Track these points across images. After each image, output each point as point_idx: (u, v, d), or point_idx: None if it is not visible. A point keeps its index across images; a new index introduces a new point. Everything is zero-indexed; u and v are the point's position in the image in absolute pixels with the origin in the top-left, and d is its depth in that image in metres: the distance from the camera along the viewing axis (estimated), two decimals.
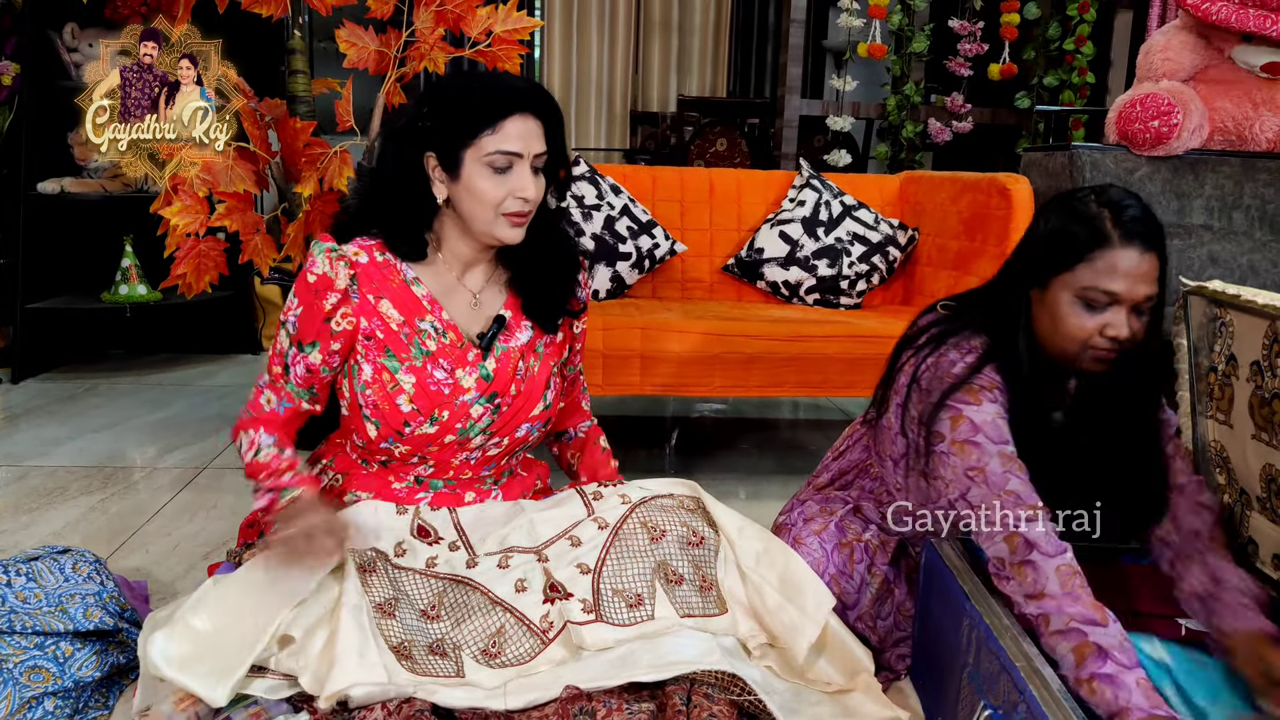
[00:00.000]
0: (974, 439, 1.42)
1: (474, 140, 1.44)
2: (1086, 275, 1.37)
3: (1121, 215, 1.37)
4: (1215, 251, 2.54)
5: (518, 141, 1.44)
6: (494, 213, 1.47)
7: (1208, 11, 2.66)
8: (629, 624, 1.39)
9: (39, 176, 3.61)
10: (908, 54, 4.79)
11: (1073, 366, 1.44)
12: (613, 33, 6.46)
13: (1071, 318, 1.40)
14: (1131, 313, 1.38)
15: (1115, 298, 1.37)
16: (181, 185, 2.45)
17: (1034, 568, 1.31)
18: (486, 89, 1.46)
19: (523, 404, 1.59)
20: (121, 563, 2.06)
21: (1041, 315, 1.44)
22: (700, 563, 1.50)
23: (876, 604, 1.63)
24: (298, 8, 2.56)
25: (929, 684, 1.55)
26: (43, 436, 2.97)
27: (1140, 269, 1.36)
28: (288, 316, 1.53)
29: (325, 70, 3.10)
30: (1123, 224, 1.37)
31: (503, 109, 1.43)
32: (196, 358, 4.15)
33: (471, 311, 1.59)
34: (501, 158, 1.44)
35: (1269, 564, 1.46)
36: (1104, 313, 1.38)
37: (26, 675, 1.39)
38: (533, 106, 1.46)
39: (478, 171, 1.45)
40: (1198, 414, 1.57)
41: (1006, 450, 1.40)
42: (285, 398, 1.56)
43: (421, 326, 1.53)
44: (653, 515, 1.54)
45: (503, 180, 1.45)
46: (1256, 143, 2.72)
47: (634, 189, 3.10)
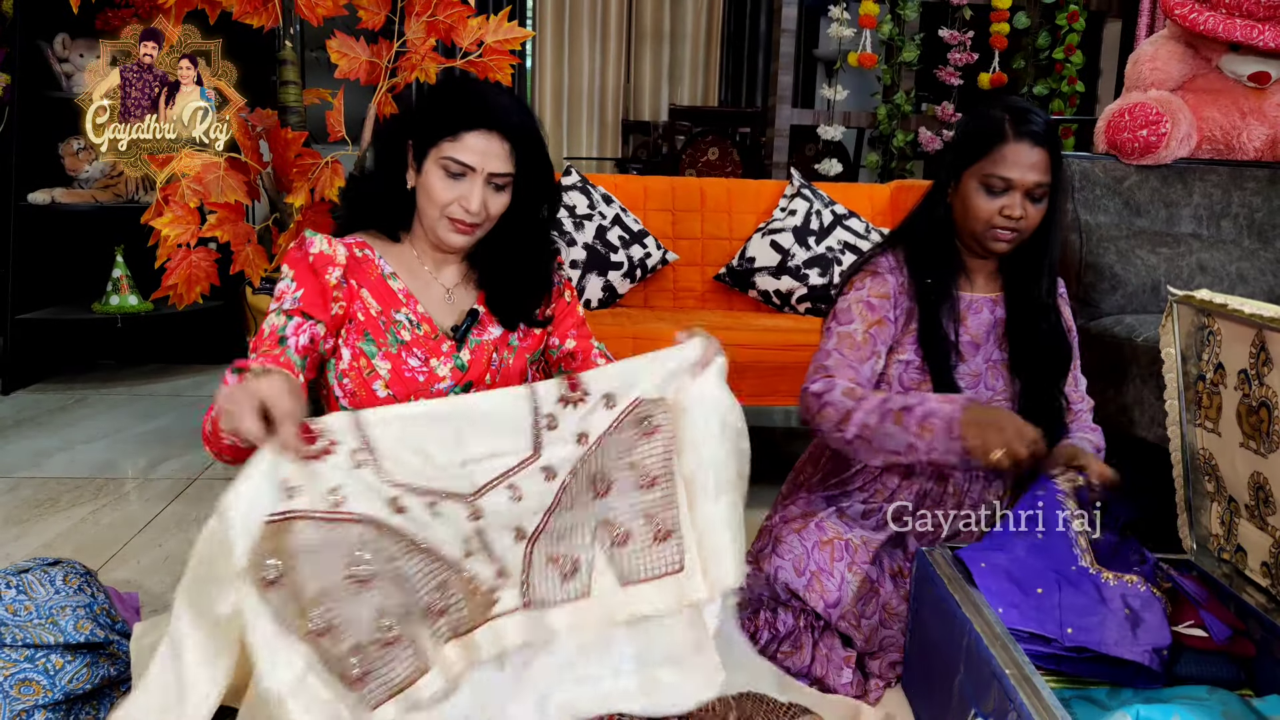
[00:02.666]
0: (839, 308, 1.78)
1: (437, 141, 1.48)
2: (988, 165, 1.66)
3: (1018, 117, 1.66)
4: (1204, 260, 2.55)
5: (473, 155, 1.47)
6: (439, 213, 1.51)
7: (1195, 21, 2.67)
8: (561, 601, 1.34)
9: (30, 187, 3.61)
10: (898, 63, 4.81)
11: (981, 246, 1.72)
12: (604, 42, 6.47)
13: (977, 201, 1.68)
14: (1026, 198, 1.65)
15: (1010, 183, 1.65)
16: (172, 196, 2.44)
17: (830, 405, 1.65)
18: (465, 98, 1.50)
19: None
20: (113, 574, 2.05)
21: (956, 205, 1.73)
22: (653, 509, 1.38)
23: (860, 603, 1.64)
24: (289, 18, 2.56)
25: (921, 692, 1.56)
26: (33, 448, 2.96)
27: (1030, 160, 1.64)
28: (285, 297, 1.49)
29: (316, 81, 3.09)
30: (1017, 124, 1.65)
31: (468, 121, 1.47)
32: (188, 368, 4.14)
33: (445, 305, 1.62)
34: (455, 165, 1.48)
35: (1258, 571, 1.46)
36: (1002, 197, 1.66)
37: (17, 688, 1.39)
38: (501, 126, 1.48)
39: (433, 170, 1.49)
40: (1186, 422, 1.58)
41: (838, 329, 1.75)
42: (285, 365, 1.45)
43: (397, 318, 1.56)
44: (606, 460, 1.39)
45: (453, 185, 1.49)
46: (1244, 151, 2.73)
47: (625, 198, 3.11)
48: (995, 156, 1.66)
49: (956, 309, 1.77)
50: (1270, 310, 1.30)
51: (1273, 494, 1.37)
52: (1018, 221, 1.66)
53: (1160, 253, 2.55)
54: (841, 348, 1.73)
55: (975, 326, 1.79)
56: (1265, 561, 1.44)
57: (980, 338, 1.79)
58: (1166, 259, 2.54)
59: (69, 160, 3.78)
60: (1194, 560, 1.60)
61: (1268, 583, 1.45)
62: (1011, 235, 1.68)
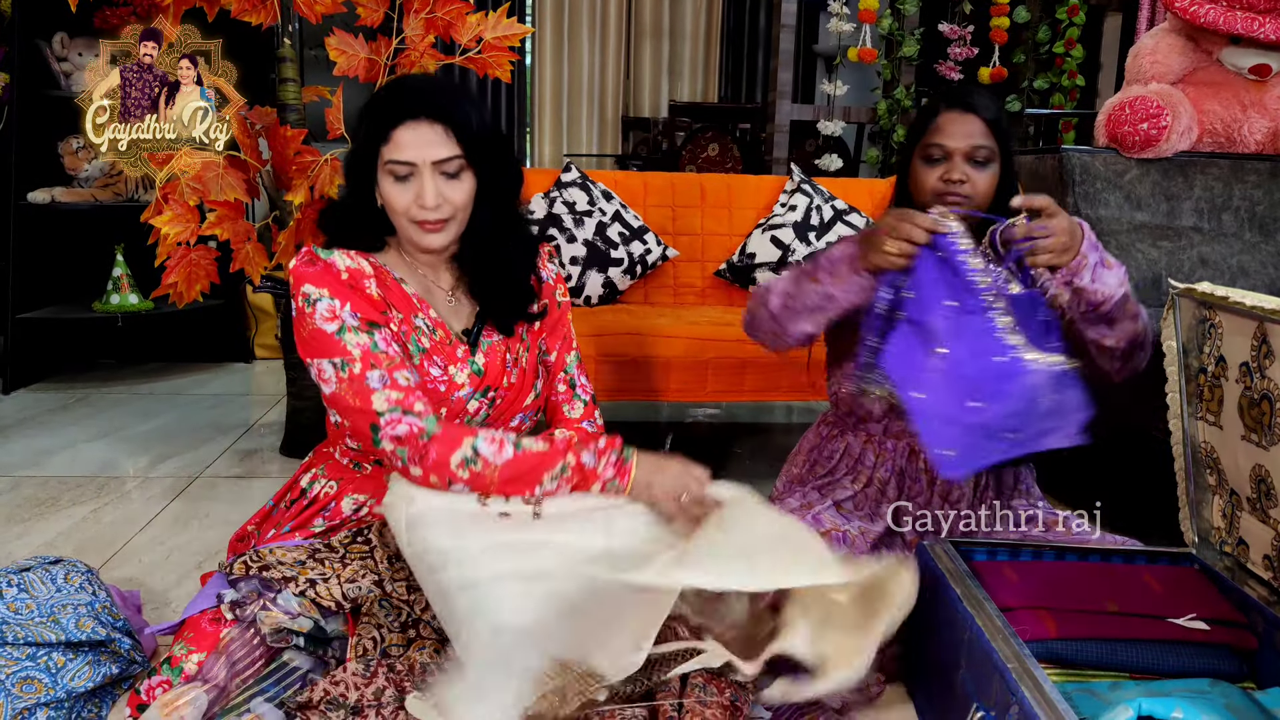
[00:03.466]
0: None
1: (377, 151, 1.46)
2: (926, 139, 1.73)
3: (948, 92, 1.77)
4: (1205, 253, 2.55)
5: (408, 150, 1.45)
6: (405, 219, 1.49)
7: (1196, 14, 2.67)
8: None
9: (29, 186, 3.61)
10: (898, 58, 4.80)
11: None
12: (604, 39, 6.47)
13: (921, 173, 1.74)
14: (968, 164, 1.70)
15: (946, 150, 1.71)
16: (172, 194, 2.44)
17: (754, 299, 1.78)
18: (384, 99, 1.48)
19: (516, 395, 1.61)
20: (114, 573, 2.05)
21: (911, 187, 1.78)
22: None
23: None
24: (287, 16, 2.56)
25: (922, 687, 1.56)
26: (34, 447, 2.96)
27: (963, 126, 1.70)
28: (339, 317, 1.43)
29: (315, 78, 3.09)
30: (948, 97, 1.75)
31: (391, 119, 1.45)
32: (188, 367, 4.14)
33: (450, 307, 1.61)
34: (399, 167, 1.46)
35: (1259, 564, 1.46)
36: (941, 164, 1.71)
37: (19, 686, 1.39)
38: (425, 112, 1.45)
39: (384, 180, 1.48)
40: (1187, 415, 1.58)
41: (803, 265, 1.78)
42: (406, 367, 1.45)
43: (417, 323, 1.54)
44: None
45: (405, 188, 1.47)
46: (1245, 145, 2.73)
47: (625, 194, 3.10)
48: (931, 129, 1.73)
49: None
50: (1271, 302, 1.29)
51: (1274, 487, 1.37)
52: (960, 185, 1.70)
53: (1161, 246, 2.55)
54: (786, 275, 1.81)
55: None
56: (1267, 554, 1.44)
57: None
58: (1168, 252, 2.54)
59: (68, 159, 3.78)
60: (1196, 553, 1.60)
61: (1269, 575, 1.44)
62: (960, 199, 1.71)
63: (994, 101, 1.76)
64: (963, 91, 1.76)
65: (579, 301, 2.91)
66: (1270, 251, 2.58)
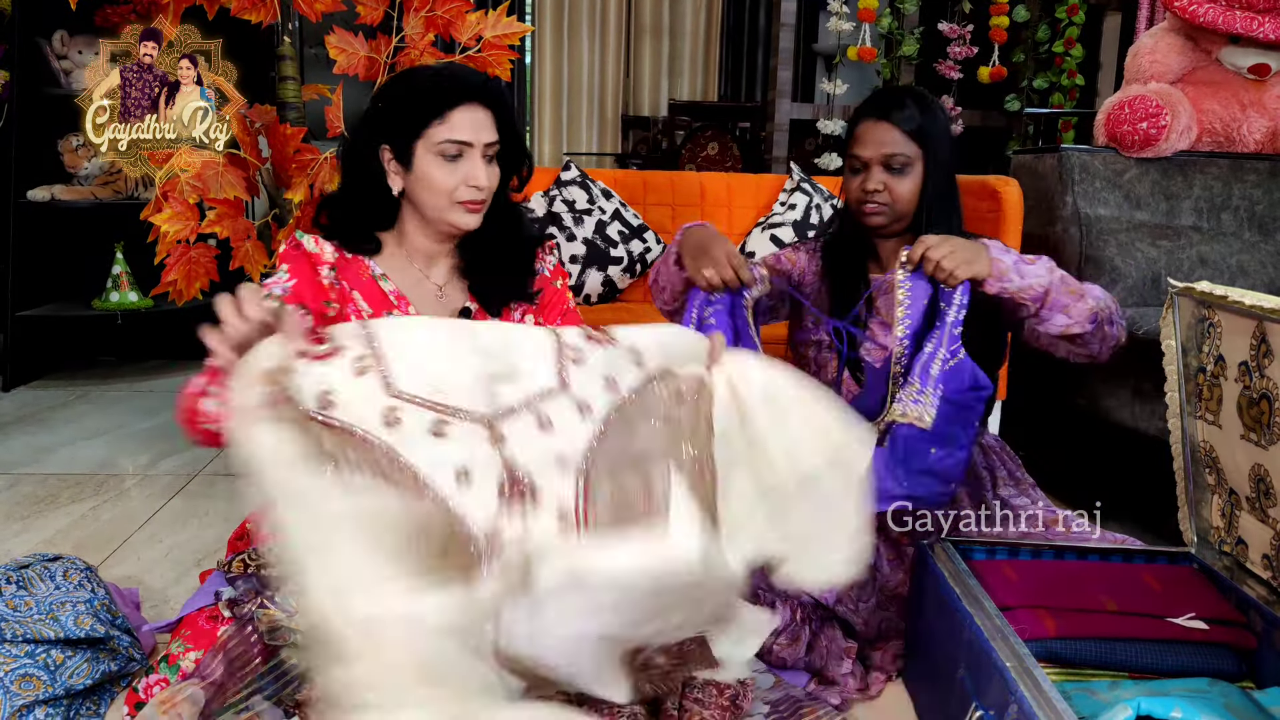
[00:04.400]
0: None
1: (424, 131, 1.47)
2: (848, 148, 1.78)
3: (866, 101, 1.80)
4: (1204, 252, 2.55)
5: (467, 130, 1.47)
6: (448, 200, 1.50)
7: (1195, 14, 2.67)
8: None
9: (29, 184, 3.60)
10: (897, 57, 4.80)
11: (864, 226, 1.81)
12: (603, 37, 6.46)
13: (847, 183, 1.81)
14: (885, 171, 1.73)
15: (863, 160, 1.75)
16: (172, 192, 2.44)
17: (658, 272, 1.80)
18: (434, 81, 1.49)
19: None
20: (113, 570, 2.05)
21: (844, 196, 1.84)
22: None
23: (857, 588, 1.64)
24: (287, 14, 2.56)
25: (922, 686, 1.56)
26: (34, 444, 2.96)
27: (877, 135, 1.73)
28: (273, 286, 1.48)
29: (315, 76, 3.09)
30: (864, 106, 1.79)
31: (450, 99, 1.46)
32: (188, 364, 4.11)
33: (437, 304, 1.61)
34: (452, 146, 1.47)
35: (1259, 564, 1.46)
36: (861, 174, 1.76)
37: (17, 683, 1.39)
38: (480, 96, 1.48)
39: (430, 161, 1.48)
40: (1186, 415, 1.58)
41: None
42: None
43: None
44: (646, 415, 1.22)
45: (455, 168, 1.48)
46: (1245, 144, 2.73)
47: (625, 193, 3.10)
48: (852, 139, 1.78)
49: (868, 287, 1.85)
50: (1271, 302, 1.29)
51: (1273, 486, 1.37)
52: (876, 194, 1.74)
53: (1160, 245, 2.55)
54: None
55: (887, 307, 1.81)
56: (1266, 554, 1.44)
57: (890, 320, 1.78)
58: (1167, 252, 2.54)
59: (68, 157, 3.78)
60: (1195, 553, 1.60)
61: (1268, 575, 1.44)
62: (878, 208, 1.76)
63: (919, 108, 1.75)
64: (881, 100, 1.78)
65: (579, 300, 2.91)
66: (1269, 250, 2.58)
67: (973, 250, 1.57)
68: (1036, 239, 2.67)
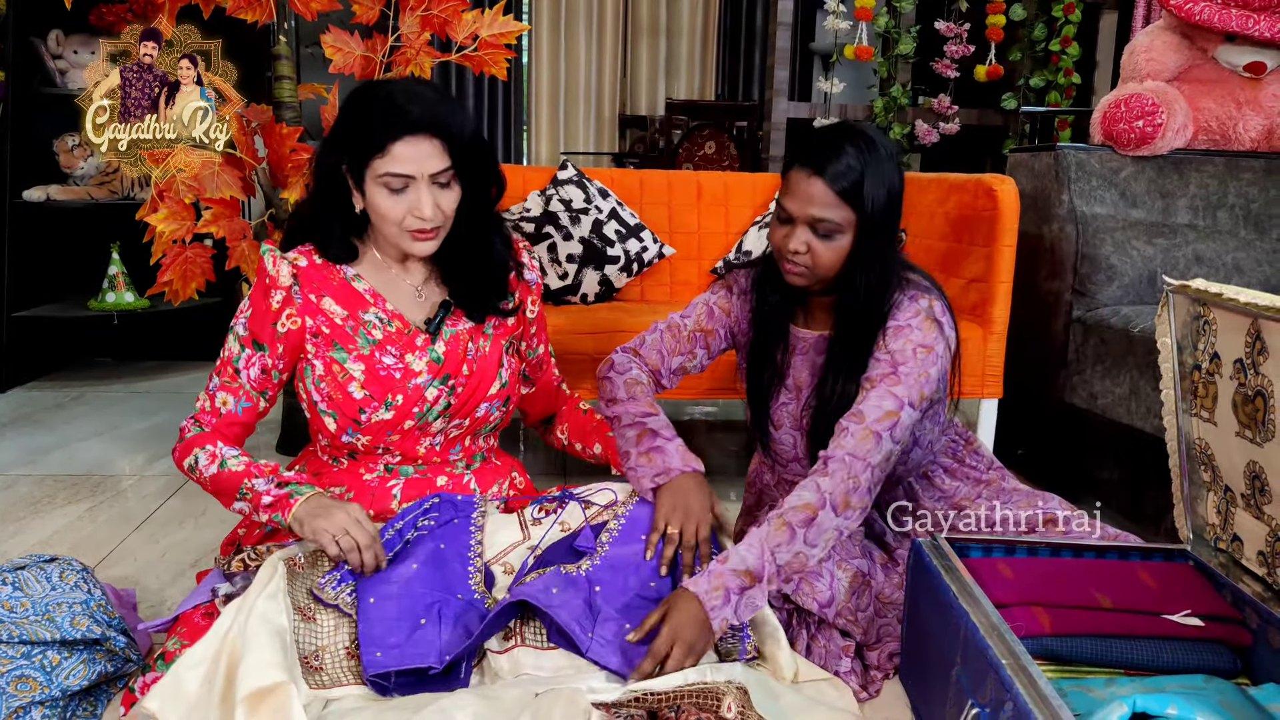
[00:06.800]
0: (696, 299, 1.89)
1: (368, 162, 1.46)
2: (781, 189, 1.60)
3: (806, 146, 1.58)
4: (1200, 250, 2.55)
5: (409, 163, 1.45)
6: (398, 229, 1.50)
7: (1191, 12, 2.67)
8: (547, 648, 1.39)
9: (24, 184, 3.60)
10: (894, 56, 4.81)
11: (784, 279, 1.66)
12: (600, 36, 6.46)
13: (772, 229, 1.63)
14: (811, 233, 1.57)
15: (789, 215, 1.58)
16: (168, 192, 2.44)
17: (610, 382, 1.75)
18: (379, 110, 1.45)
19: (478, 383, 1.63)
20: (109, 571, 2.05)
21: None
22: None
23: (854, 597, 1.63)
24: (283, 13, 2.56)
25: (918, 684, 1.56)
26: (30, 445, 2.96)
27: (807, 191, 1.54)
28: (238, 321, 1.57)
29: (311, 76, 3.09)
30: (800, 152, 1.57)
31: (390, 133, 1.44)
32: (184, 365, 4.13)
33: (415, 301, 1.63)
34: (395, 180, 1.46)
35: (1254, 560, 1.46)
36: (786, 226, 1.59)
37: (13, 685, 1.39)
38: (423, 126, 1.45)
39: (376, 190, 1.48)
40: (1182, 412, 1.58)
41: (676, 318, 1.85)
42: (244, 397, 1.57)
43: (366, 318, 1.57)
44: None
45: (400, 199, 1.48)
46: (1240, 142, 2.73)
47: (622, 192, 3.10)
48: (783, 184, 1.60)
49: (787, 343, 1.78)
50: (1266, 299, 1.29)
51: (1268, 483, 1.38)
52: (797, 256, 1.58)
53: (1156, 243, 2.55)
54: (665, 335, 1.84)
55: (799, 368, 1.77)
56: (1261, 550, 1.45)
57: (803, 382, 1.77)
58: (1163, 250, 2.54)
59: (64, 157, 3.77)
60: (1190, 549, 1.60)
61: (1264, 571, 1.45)
62: (798, 269, 1.60)
63: (861, 159, 1.53)
64: (817, 148, 1.55)
65: (575, 299, 2.91)
66: (1265, 249, 2.58)
67: (694, 634, 1.37)
68: (1033, 237, 2.67)
